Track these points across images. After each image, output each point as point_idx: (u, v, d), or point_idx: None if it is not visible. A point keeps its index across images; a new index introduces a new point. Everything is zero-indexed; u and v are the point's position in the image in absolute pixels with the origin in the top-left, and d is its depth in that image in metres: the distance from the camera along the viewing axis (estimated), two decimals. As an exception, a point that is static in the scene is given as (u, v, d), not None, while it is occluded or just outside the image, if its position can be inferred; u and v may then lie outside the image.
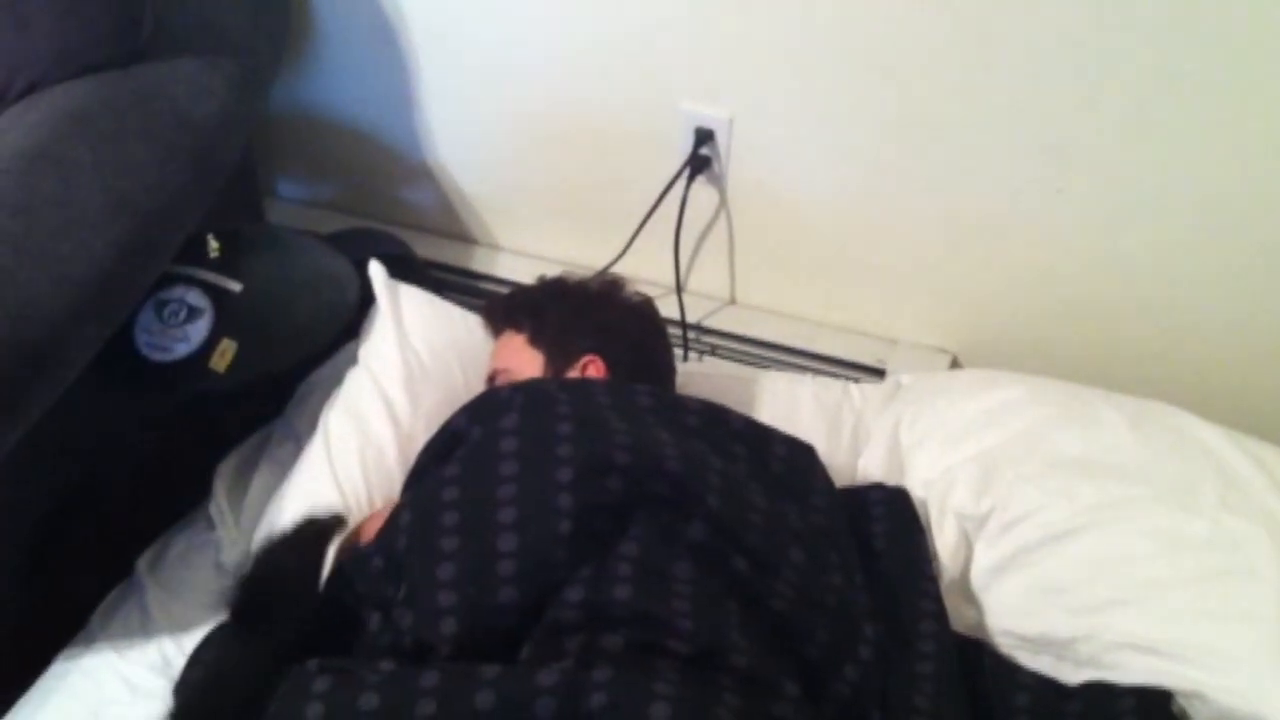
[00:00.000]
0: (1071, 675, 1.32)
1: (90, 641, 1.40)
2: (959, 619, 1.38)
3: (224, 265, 1.61)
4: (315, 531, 1.26)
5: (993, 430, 1.54)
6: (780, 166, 1.82)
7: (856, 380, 1.83)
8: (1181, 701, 1.24)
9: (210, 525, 1.54)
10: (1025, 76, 1.57)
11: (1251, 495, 1.39)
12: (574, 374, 1.51)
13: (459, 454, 1.30)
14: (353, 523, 1.41)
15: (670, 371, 1.65)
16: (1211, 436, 1.48)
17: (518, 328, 1.60)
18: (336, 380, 1.66)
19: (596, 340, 1.55)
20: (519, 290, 1.71)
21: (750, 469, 1.36)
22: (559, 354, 1.54)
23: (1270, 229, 1.58)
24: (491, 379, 1.57)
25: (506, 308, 1.65)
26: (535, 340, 1.57)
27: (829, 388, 1.76)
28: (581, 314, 1.60)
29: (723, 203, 1.90)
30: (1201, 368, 1.75)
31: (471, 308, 1.80)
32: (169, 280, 1.57)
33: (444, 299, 1.79)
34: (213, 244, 1.62)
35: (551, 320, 1.58)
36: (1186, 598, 1.31)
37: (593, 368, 1.52)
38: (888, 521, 1.44)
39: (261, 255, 1.69)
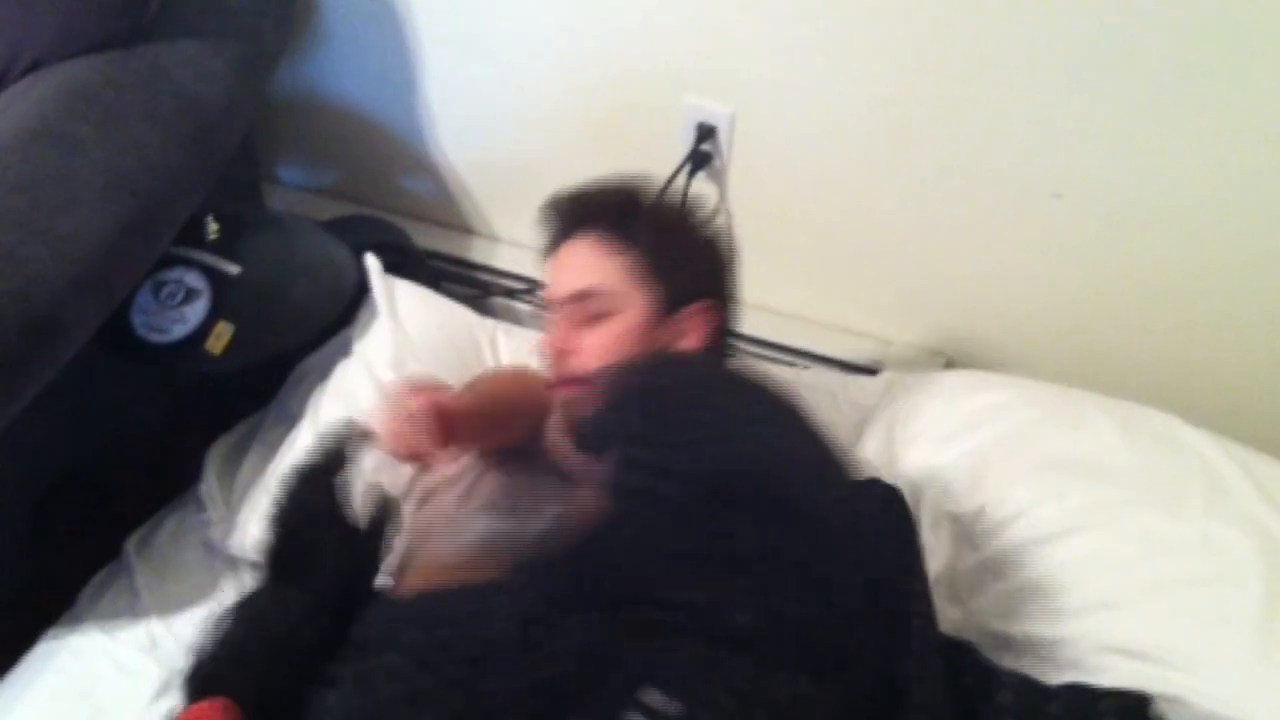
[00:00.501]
0: (1054, 677, 1.31)
1: (78, 620, 1.40)
2: (943, 618, 1.37)
3: (222, 248, 1.61)
4: (327, 460, 1.18)
5: (982, 431, 1.55)
6: (781, 165, 1.82)
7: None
8: (1163, 706, 1.24)
9: (201, 507, 1.54)
10: (1026, 81, 1.57)
11: (1238, 502, 1.40)
12: (680, 322, 1.36)
13: None
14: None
15: None
16: (1200, 442, 1.48)
17: (621, 247, 1.36)
18: (330, 366, 1.67)
19: (707, 286, 1.41)
20: (615, 197, 1.42)
21: None
22: (666, 299, 1.36)
23: (1265, 237, 1.59)
24: (583, 298, 1.34)
25: (613, 219, 1.38)
26: (646, 274, 1.35)
27: (825, 380, 1.76)
28: (692, 253, 1.42)
29: (722, 199, 1.90)
30: (1194, 375, 1.76)
31: (466, 300, 1.80)
32: (167, 261, 1.57)
33: (441, 291, 1.80)
34: (212, 226, 1.62)
35: (664, 255, 1.37)
36: (1171, 603, 1.32)
37: (700, 319, 1.38)
38: (883, 518, 1.38)
39: (260, 239, 1.69)
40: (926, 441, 1.57)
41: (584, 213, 1.40)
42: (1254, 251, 1.61)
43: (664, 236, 1.39)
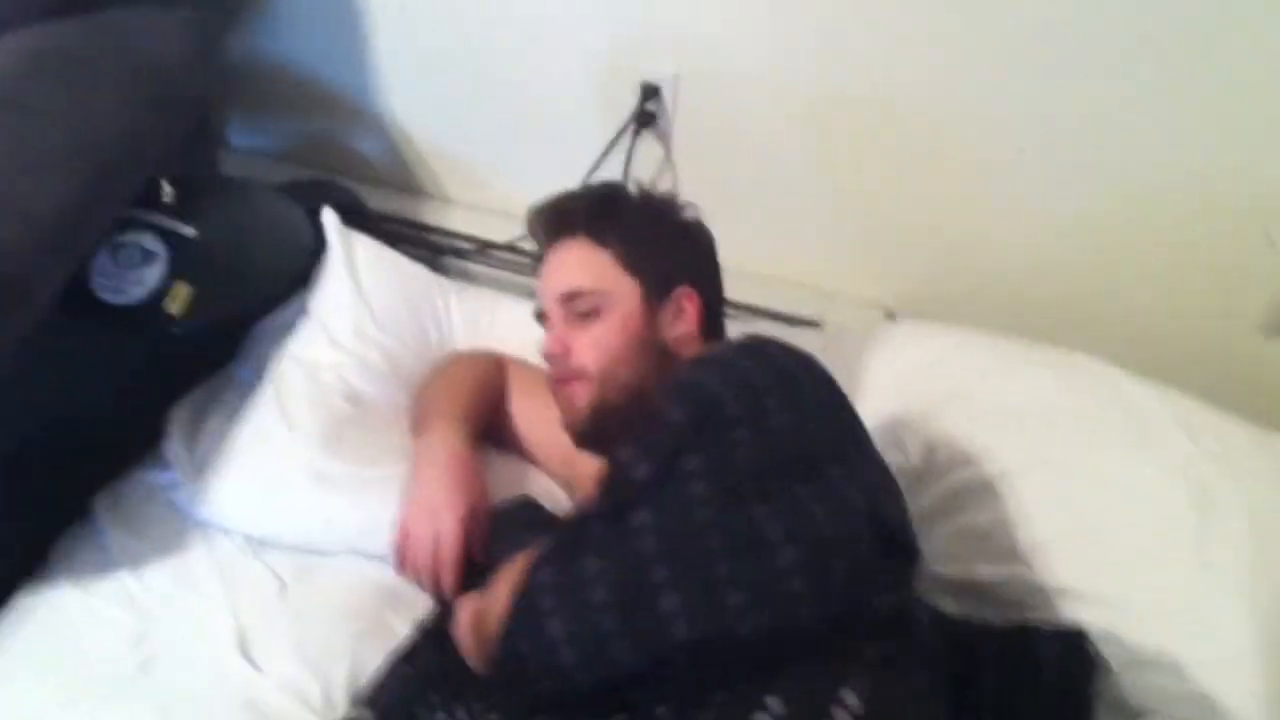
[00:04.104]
0: (996, 618, 1.37)
1: (52, 577, 1.42)
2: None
3: (179, 211, 1.62)
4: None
5: (924, 384, 1.61)
6: (725, 123, 1.85)
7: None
8: (1097, 642, 1.30)
9: (166, 466, 1.56)
10: (972, 32, 1.61)
11: (1170, 448, 1.46)
12: (671, 307, 1.41)
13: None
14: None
15: None
16: (1135, 390, 1.54)
17: (603, 244, 1.41)
18: (288, 328, 1.69)
19: (690, 272, 1.45)
20: (590, 198, 1.49)
21: None
22: (657, 284, 1.41)
23: (1201, 192, 1.65)
24: (572, 298, 1.39)
25: (591, 219, 1.44)
26: (629, 264, 1.40)
27: (768, 333, 1.79)
28: (674, 239, 1.46)
29: (668, 158, 1.93)
30: (1130, 322, 1.80)
31: (420, 259, 1.84)
32: (124, 225, 1.57)
33: (395, 250, 1.82)
34: (167, 189, 1.63)
35: (647, 243, 1.42)
36: (1108, 546, 1.38)
37: (689, 302, 1.42)
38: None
39: (216, 202, 1.70)
40: (870, 394, 1.61)
41: (562, 218, 1.45)
42: (1192, 207, 1.66)
43: (642, 226, 1.44)
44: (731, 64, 1.78)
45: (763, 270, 1.98)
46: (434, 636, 1.30)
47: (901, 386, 1.62)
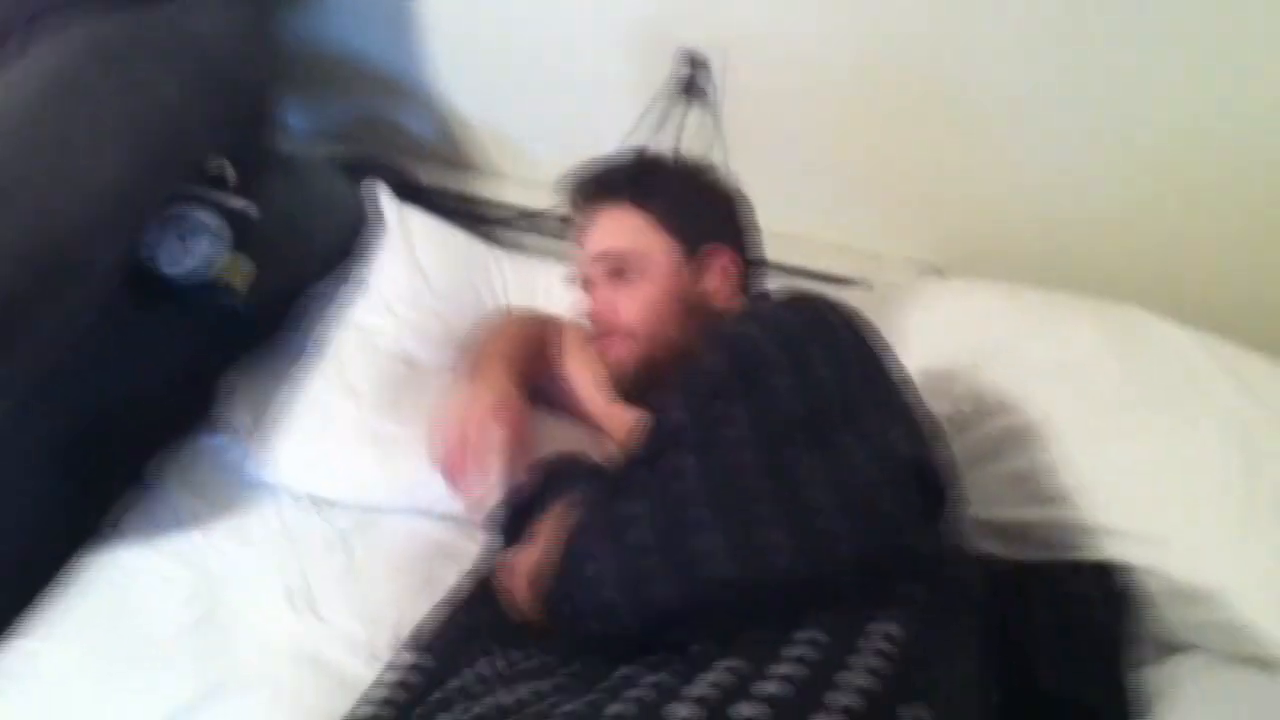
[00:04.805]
0: (1033, 556, 1.39)
1: (117, 537, 1.48)
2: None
3: (237, 188, 1.67)
4: None
5: (969, 338, 1.62)
6: (772, 90, 1.86)
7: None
8: (1135, 576, 1.31)
9: (228, 430, 1.62)
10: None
11: (1215, 394, 1.46)
12: (711, 267, 1.44)
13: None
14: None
15: None
16: (1180, 338, 1.54)
17: (644, 207, 1.45)
18: (338, 295, 1.75)
19: (728, 233, 1.49)
20: (631, 164, 1.52)
21: None
22: (697, 245, 1.44)
23: (1243, 144, 1.64)
24: (615, 259, 1.43)
25: (632, 183, 1.47)
26: (666, 225, 1.44)
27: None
28: (711, 203, 1.51)
29: (715, 126, 1.94)
30: (1177, 273, 1.80)
31: (471, 230, 1.88)
32: (186, 201, 1.62)
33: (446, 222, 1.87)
34: (226, 167, 1.67)
35: (683, 205, 1.46)
36: (1151, 486, 1.38)
37: (729, 262, 1.45)
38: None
39: (274, 178, 1.74)
40: (917, 348, 1.61)
41: (605, 183, 1.48)
42: (1236, 154, 1.65)
43: (680, 191, 1.48)
44: (776, 32, 1.79)
45: (811, 234, 2.00)
46: (484, 585, 1.34)
47: (949, 339, 1.63)
